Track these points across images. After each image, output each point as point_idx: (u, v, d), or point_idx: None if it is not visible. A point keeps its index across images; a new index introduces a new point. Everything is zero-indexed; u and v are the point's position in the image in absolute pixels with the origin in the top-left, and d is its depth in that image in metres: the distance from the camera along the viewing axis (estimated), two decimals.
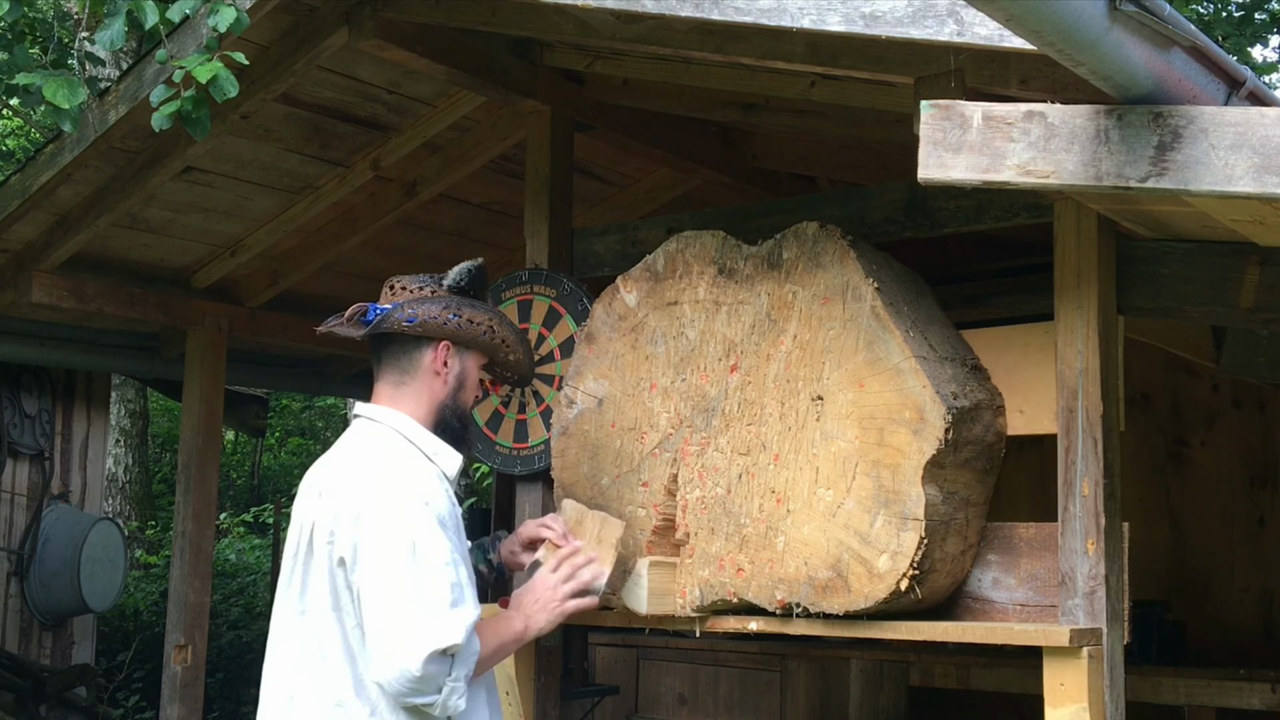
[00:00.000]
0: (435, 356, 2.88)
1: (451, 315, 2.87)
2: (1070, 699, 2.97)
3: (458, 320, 2.87)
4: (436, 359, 2.88)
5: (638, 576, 3.39)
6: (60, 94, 3.76)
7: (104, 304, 5.41)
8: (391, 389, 2.88)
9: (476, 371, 2.97)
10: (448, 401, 2.90)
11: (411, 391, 2.87)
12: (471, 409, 2.99)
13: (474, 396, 2.98)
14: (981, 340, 3.39)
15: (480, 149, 5.14)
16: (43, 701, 6.28)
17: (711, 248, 3.53)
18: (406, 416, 2.85)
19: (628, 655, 6.27)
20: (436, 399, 2.88)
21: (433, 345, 2.88)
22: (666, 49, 3.52)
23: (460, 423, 2.92)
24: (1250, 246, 3.12)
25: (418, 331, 2.85)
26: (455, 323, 2.87)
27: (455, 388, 2.91)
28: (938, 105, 2.54)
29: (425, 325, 2.85)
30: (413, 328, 2.84)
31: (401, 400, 2.87)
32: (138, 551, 10.97)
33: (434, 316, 2.85)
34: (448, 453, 2.86)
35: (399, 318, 2.84)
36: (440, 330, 2.86)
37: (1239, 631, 5.79)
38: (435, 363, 2.88)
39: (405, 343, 2.88)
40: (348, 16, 3.95)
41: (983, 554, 3.31)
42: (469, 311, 2.90)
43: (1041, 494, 4.70)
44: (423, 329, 2.85)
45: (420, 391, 2.88)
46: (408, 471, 2.74)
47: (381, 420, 2.85)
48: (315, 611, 2.72)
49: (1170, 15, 2.25)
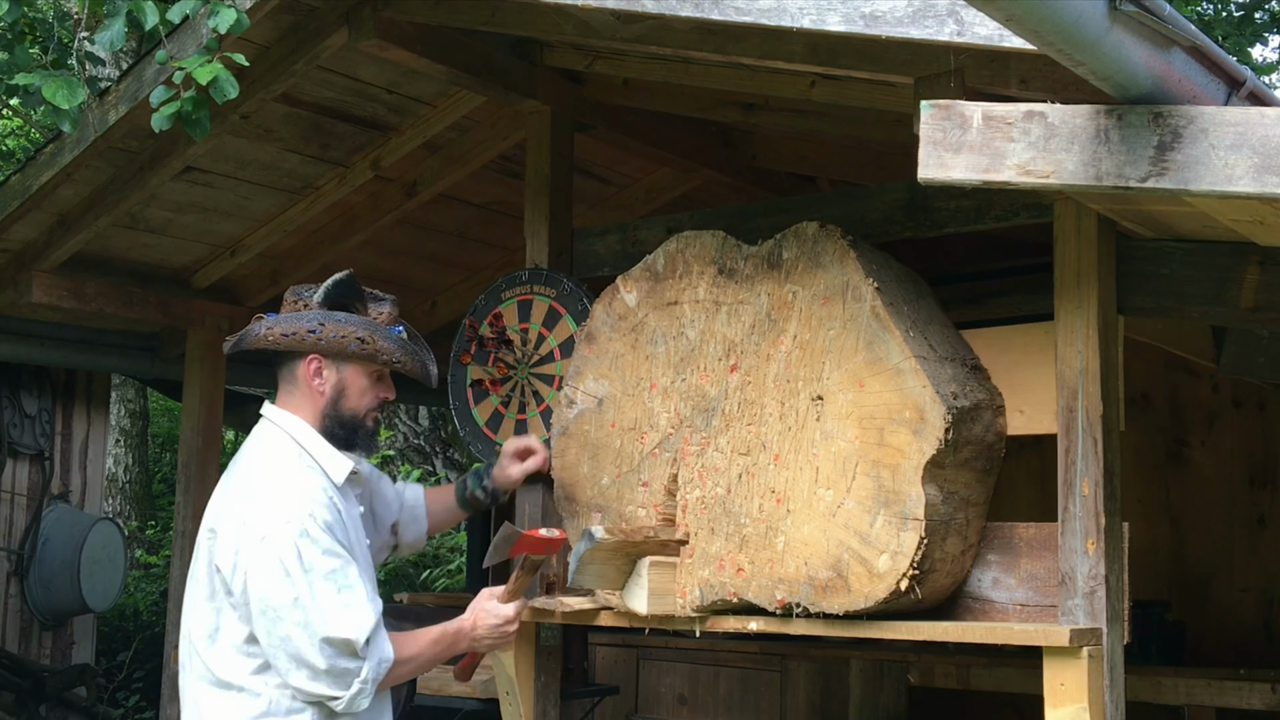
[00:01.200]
0: (306, 370, 3.00)
1: (310, 331, 2.96)
2: (1070, 699, 2.97)
3: (318, 334, 2.95)
4: (308, 371, 2.99)
5: (638, 576, 3.39)
6: (60, 94, 3.76)
7: (104, 304, 5.40)
8: (283, 395, 3.04)
9: (361, 379, 3.03)
10: (328, 411, 3.00)
11: (298, 400, 3.02)
12: (369, 413, 3.07)
13: (370, 400, 3.06)
14: (981, 340, 3.39)
15: (480, 149, 5.14)
16: (43, 701, 6.27)
17: (711, 248, 3.53)
18: (301, 421, 2.99)
19: (628, 655, 6.27)
20: (317, 408, 3.01)
21: (303, 359, 2.99)
22: (666, 49, 3.52)
23: (344, 429, 3.01)
24: (1250, 246, 3.12)
25: (279, 346, 2.98)
26: (315, 337, 2.96)
27: (334, 398, 3.00)
28: (938, 105, 2.54)
29: (287, 341, 2.96)
30: (273, 343, 2.97)
31: (293, 407, 3.02)
32: (138, 551, 10.97)
33: (293, 332, 2.96)
34: (336, 460, 2.98)
35: (258, 333, 2.98)
36: (302, 344, 2.97)
37: (1239, 631, 5.79)
38: (308, 375, 3.00)
39: (284, 357, 3.02)
40: (348, 16, 3.95)
41: (983, 554, 3.31)
42: (334, 325, 2.97)
43: (1041, 494, 4.70)
44: (285, 344, 2.97)
45: (304, 400, 3.01)
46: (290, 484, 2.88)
47: (277, 423, 3.01)
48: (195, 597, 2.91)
49: (1170, 15, 2.25)
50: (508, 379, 4.13)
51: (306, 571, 2.77)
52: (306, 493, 2.87)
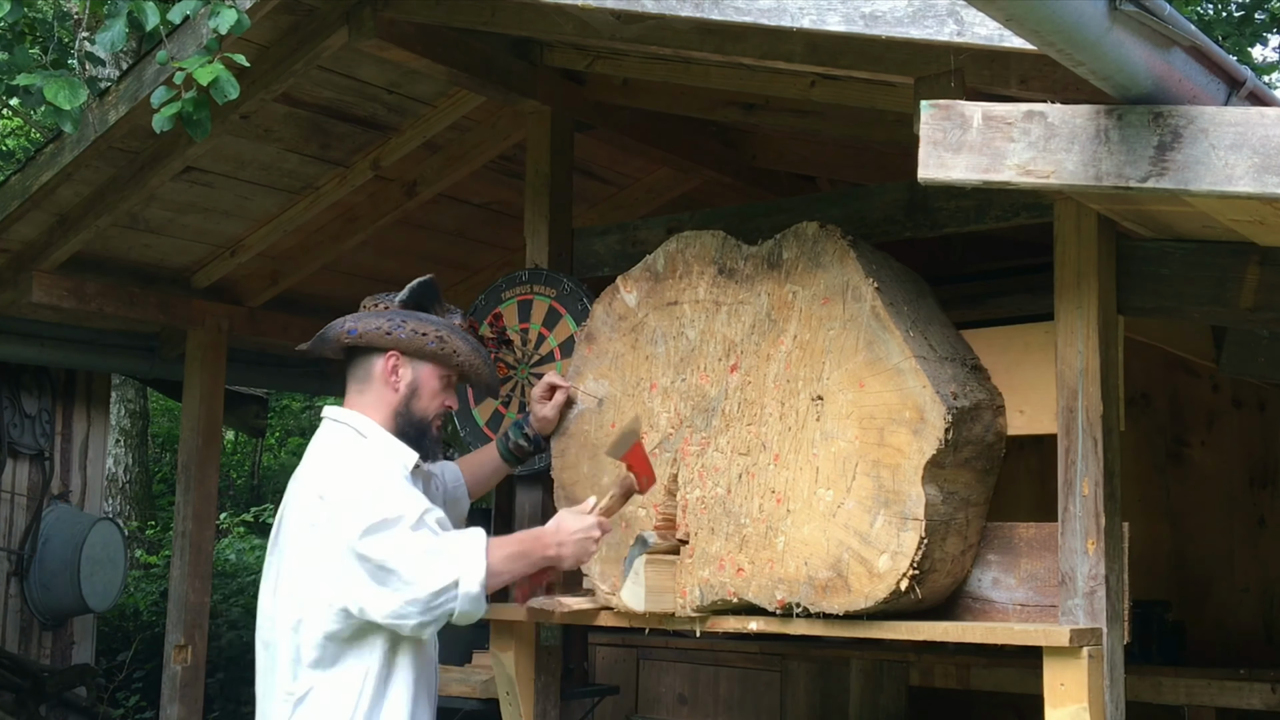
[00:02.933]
0: (385, 366, 3.06)
1: (394, 327, 3.06)
2: (1070, 699, 2.97)
3: (401, 331, 3.05)
4: (386, 368, 3.06)
5: (635, 574, 3.39)
6: (60, 94, 3.76)
7: (104, 304, 5.40)
8: (353, 395, 3.10)
9: (434, 381, 3.11)
10: (401, 409, 3.07)
11: (369, 399, 3.08)
12: (436, 418, 3.14)
13: (438, 405, 3.13)
14: (981, 340, 3.39)
15: (480, 149, 5.14)
16: (43, 701, 6.28)
17: (711, 248, 3.53)
18: (365, 417, 3.06)
19: (628, 655, 6.27)
20: (391, 406, 3.07)
21: (382, 355, 3.06)
22: (666, 49, 3.52)
23: (415, 430, 3.09)
24: (1250, 246, 3.12)
25: (361, 342, 3.06)
26: (398, 334, 3.05)
27: (408, 395, 3.08)
28: (938, 105, 2.54)
29: (366, 336, 3.05)
30: (354, 339, 3.06)
31: (362, 407, 3.08)
32: (138, 551, 10.97)
33: (376, 328, 3.05)
34: (401, 450, 3.05)
35: (341, 330, 3.07)
36: (383, 340, 3.05)
37: (1239, 631, 5.79)
38: (385, 371, 3.07)
39: (362, 354, 3.09)
40: (348, 16, 3.95)
41: (983, 554, 3.31)
42: (414, 323, 3.08)
43: (1041, 494, 4.70)
44: (365, 340, 3.06)
45: (378, 399, 3.07)
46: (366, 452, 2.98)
47: (342, 420, 3.06)
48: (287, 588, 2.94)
49: (1170, 15, 2.25)
50: (508, 379, 4.14)
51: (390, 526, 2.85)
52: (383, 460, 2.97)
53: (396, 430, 3.06)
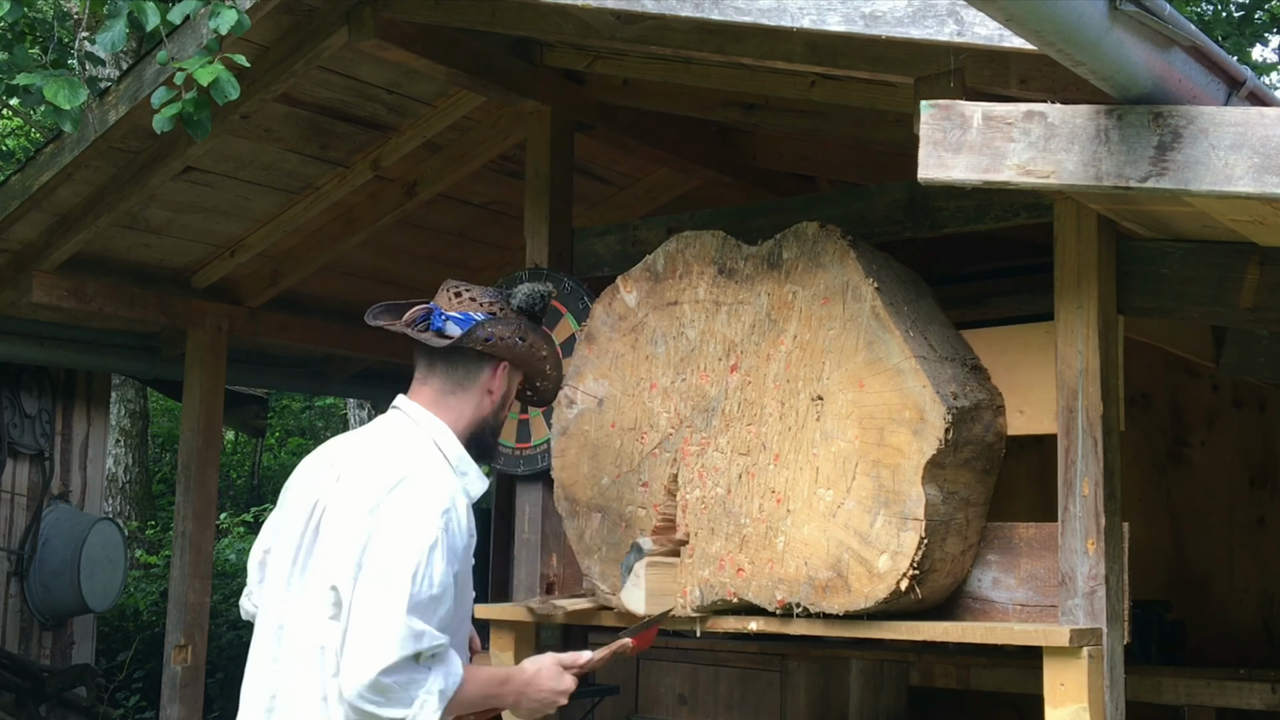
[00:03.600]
0: (494, 375, 2.85)
1: (519, 340, 2.86)
2: (1070, 699, 2.97)
3: (524, 345, 2.87)
4: (495, 378, 2.85)
5: (636, 577, 3.39)
6: (60, 94, 3.76)
7: (104, 304, 5.41)
8: (438, 395, 2.81)
9: (514, 390, 2.95)
10: (489, 418, 2.87)
11: (458, 402, 2.82)
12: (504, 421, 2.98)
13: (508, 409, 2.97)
14: (981, 340, 3.39)
15: (480, 149, 5.14)
16: (43, 701, 6.28)
17: (711, 248, 3.53)
18: (445, 426, 2.79)
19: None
20: (481, 414, 2.85)
21: (494, 364, 2.85)
22: (666, 49, 3.52)
23: (492, 436, 2.89)
24: (1250, 246, 3.12)
25: (490, 351, 2.83)
26: (521, 347, 2.87)
27: (499, 405, 2.89)
28: (938, 105, 2.54)
29: (497, 347, 2.83)
30: (489, 347, 2.82)
31: (445, 409, 2.81)
32: (138, 551, 10.97)
33: (505, 339, 2.84)
34: (476, 474, 2.81)
35: (480, 335, 2.81)
36: (508, 352, 2.85)
37: (1239, 631, 5.79)
38: (492, 380, 2.85)
39: (469, 357, 2.83)
40: (348, 16, 3.95)
41: (983, 554, 3.31)
42: (533, 337, 2.90)
43: (1041, 494, 4.69)
44: (494, 350, 2.83)
45: (467, 405, 2.83)
46: (436, 482, 2.65)
47: (419, 422, 2.78)
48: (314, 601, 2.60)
49: (1170, 15, 2.25)
50: None
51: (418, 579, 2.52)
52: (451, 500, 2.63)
53: (475, 436, 2.83)
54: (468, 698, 2.62)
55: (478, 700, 2.67)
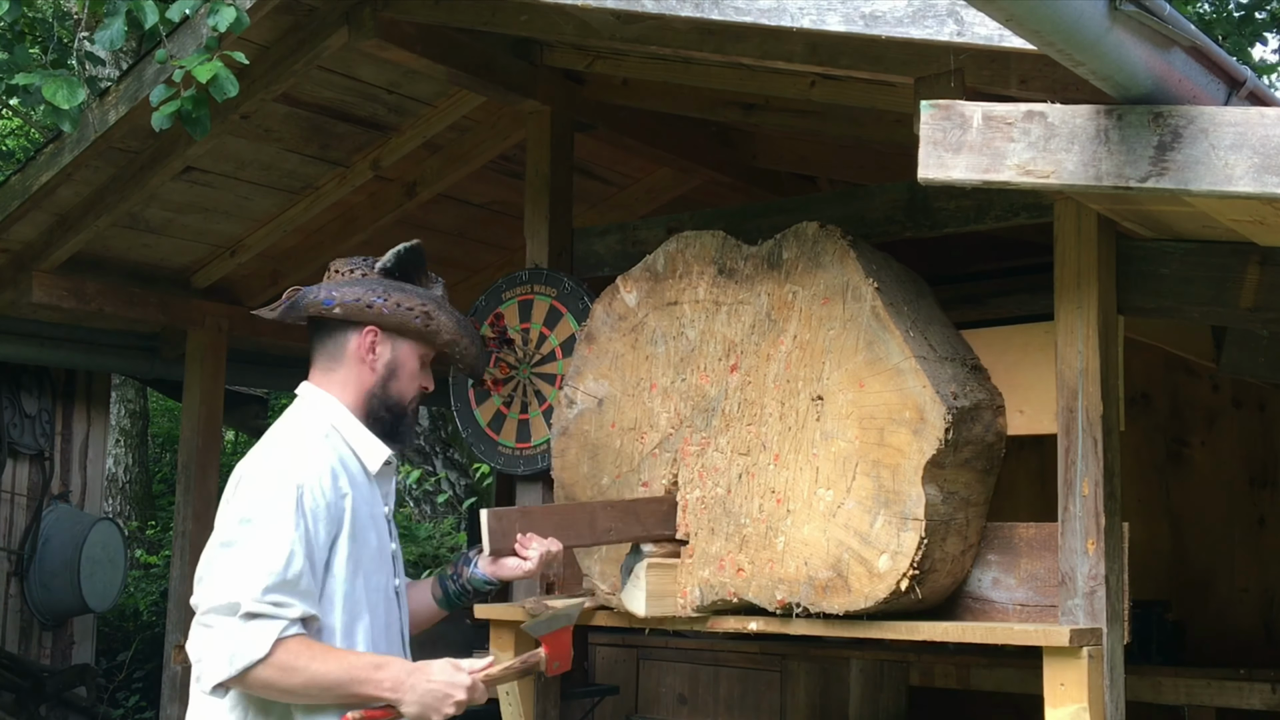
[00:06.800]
0: (361, 342, 2.73)
1: (376, 299, 2.71)
2: (1070, 699, 2.97)
3: (384, 304, 2.71)
4: (362, 344, 2.74)
5: (636, 578, 3.39)
6: (60, 94, 3.76)
7: (104, 304, 5.40)
8: (321, 372, 2.76)
9: (414, 361, 2.80)
10: (376, 390, 2.75)
11: (340, 378, 2.74)
12: (413, 401, 2.82)
13: (416, 388, 2.82)
14: (981, 340, 3.39)
15: (480, 149, 5.14)
16: (43, 701, 6.28)
17: (711, 248, 3.53)
18: (335, 401, 2.72)
19: (628, 655, 6.27)
20: (365, 387, 2.74)
21: (359, 330, 2.73)
22: (666, 49, 3.52)
23: (390, 414, 2.76)
24: (1250, 246, 3.12)
25: (337, 314, 2.71)
26: (380, 306, 2.71)
27: (385, 376, 2.75)
28: (938, 105, 2.54)
29: (345, 308, 2.70)
30: (329, 310, 2.70)
31: (330, 384, 2.74)
32: (138, 551, 10.96)
33: (355, 299, 2.70)
34: (373, 445, 2.72)
35: (315, 298, 2.71)
36: (363, 314, 2.71)
37: (1239, 631, 5.79)
38: (361, 349, 2.74)
39: (333, 327, 2.74)
40: (348, 16, 3.95)
41: (983, 554, 3.31)
42: (397, 296, 2.74)
43: (1041, 494, 4.69)
44: (342, 311, 2.71)
45: (349, 378, 2.74)
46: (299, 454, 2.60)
47: (312, 402, 2.74)
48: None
49: (1170, 15, 2.25)
50: (509, 379, 4.14)
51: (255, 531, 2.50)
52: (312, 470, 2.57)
53: (368, 413, 2.73)
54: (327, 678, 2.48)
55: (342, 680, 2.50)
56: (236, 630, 2.44)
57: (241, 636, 2.44)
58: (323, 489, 2.57)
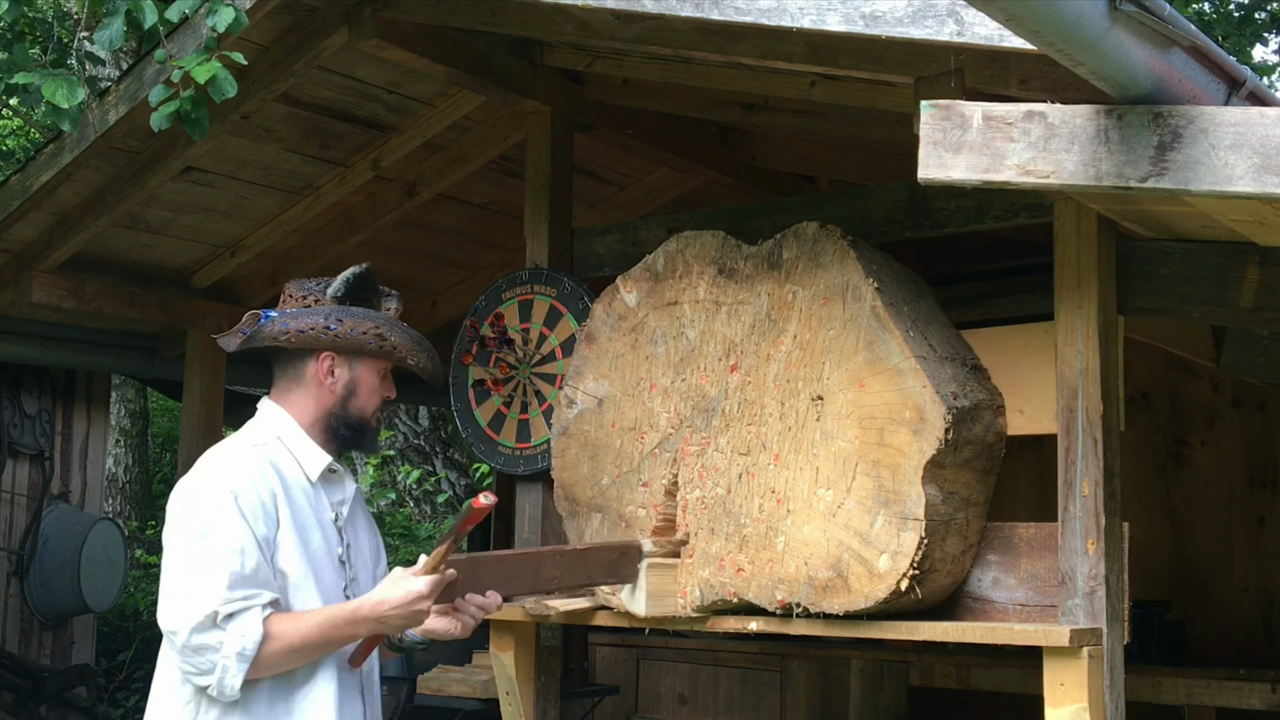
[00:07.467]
0: (319, 368, 2.84)
1: (331, 326, 2.82)
2: (1070, 699, 2.97)
3: (335, 331, 2.82)
4: (320, 369, 2.84)
5: (636, 579, 3.39)
6: (60, 94, 3.76)
7: (104, 304, 5.40)
8: (282, 392, 2.87)
9: (373, 377, 2.89)
10: (336, 410, 2.85)
11: (298, 397, 2.85)
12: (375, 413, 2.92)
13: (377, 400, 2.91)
14: (981, 340, 3.38)
15: (480, 149, 5.14)
16: (43, 701, 6.27)
17: (711, 248, 3.53)
18: (285, 414, 2.84)
19: (628, 655, 6.27)
20: (324, 407, 2.85)
21: (315, 356, 2.83)
22: (666, 49, 3.52)
23: (351, 430, 2.86)
24: (1250, 246, 3.12)
25: (294, 344, 2.82)
26: (334, 333, 2.82)
27: (344, 396, 2.85)
28: (938, 105, 2.54)
29: (300, 338, 2.81)
30: (287, 340, 2.81)
31: (289, 403, 2.85)
32: (138, 551, 10.97)
33: (310, 329, 2.81)
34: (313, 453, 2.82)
35: (272, 332, 2.82)
36: (318, 342, 2.82)
37: (1239, 631, 5.79)
38: (319, 373, 2.84)
39: (291, 353, 2.85)
40: (348, 16, 3.95)
41: (983, 554, 3.31)
42: (350, 321, 2.84)
43: (1041, 494, 4.69)
44: (298, 341, 2.81)
45: (308, 398, 2.85)
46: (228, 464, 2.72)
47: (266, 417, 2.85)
48: None
49: (1170, 15, 2.25)
50: (510, 379, 4.14)
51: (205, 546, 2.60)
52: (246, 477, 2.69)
53: (328, 431, 2.84)
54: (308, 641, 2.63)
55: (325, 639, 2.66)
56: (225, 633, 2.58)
57: (232, 634, 2.57)
58: (255, 491, 2.69)
